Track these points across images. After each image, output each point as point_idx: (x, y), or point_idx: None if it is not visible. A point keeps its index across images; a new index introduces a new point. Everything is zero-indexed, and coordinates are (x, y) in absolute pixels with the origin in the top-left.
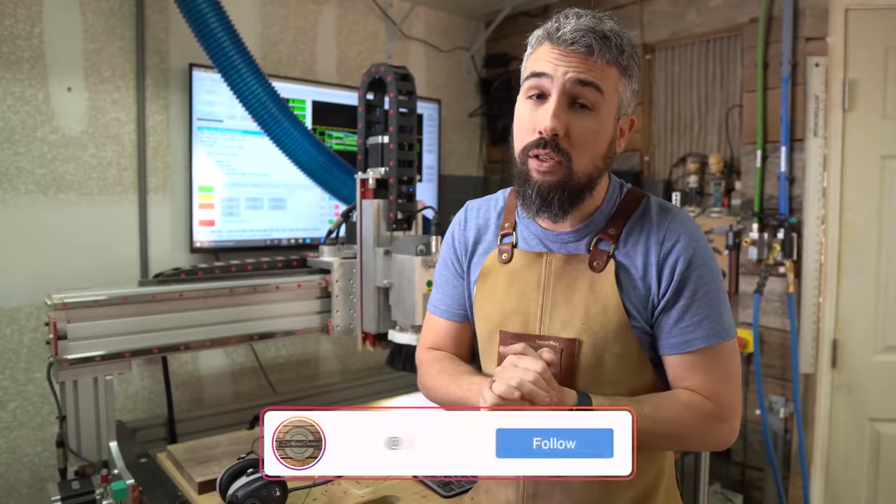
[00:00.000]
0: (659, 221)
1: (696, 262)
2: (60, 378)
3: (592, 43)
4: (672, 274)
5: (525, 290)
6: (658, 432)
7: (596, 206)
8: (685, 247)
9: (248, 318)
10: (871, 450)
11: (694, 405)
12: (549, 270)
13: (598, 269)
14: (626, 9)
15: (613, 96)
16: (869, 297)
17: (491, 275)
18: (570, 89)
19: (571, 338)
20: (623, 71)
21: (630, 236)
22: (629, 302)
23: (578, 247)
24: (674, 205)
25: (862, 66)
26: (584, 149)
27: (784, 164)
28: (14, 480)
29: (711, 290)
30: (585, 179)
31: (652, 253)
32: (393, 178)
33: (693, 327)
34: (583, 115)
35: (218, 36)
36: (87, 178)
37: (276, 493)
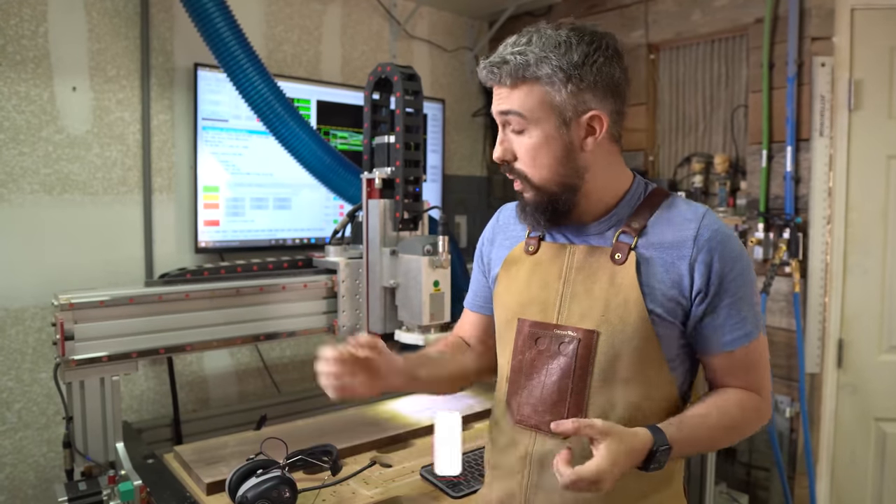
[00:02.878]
0: (688, 217)
1: (734, 259)
2: (67, 378)
3: (495, 73)
4: (709, 271)
5: (547, 279)
6: (717, 439)
7: (617, 200)
8: (720, 243)
9: (254, 318)
10: (876, 449)
11: (746, 404)
12: (572, 262)
13: (620, 261)
14: (631, 9)
15: (540, 111)
16: (875, 296)
17: (515, 265)
18: (500, 120)
19: (590, 329)
20: (540, 80)
21: (655, 230)
22: (651, 295)
23: (601, 240)
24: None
25: (868, 66)
26: (534, 164)
27: (790, 164)
28: (20, 481)
29: (749, 286)
30: (557, 188)
31: (683, 247)
32: (399, 178)
33: (739, 325)
34: (519, 137)
35: (223, 35)
36: (92, 177)
37: (286, 493)
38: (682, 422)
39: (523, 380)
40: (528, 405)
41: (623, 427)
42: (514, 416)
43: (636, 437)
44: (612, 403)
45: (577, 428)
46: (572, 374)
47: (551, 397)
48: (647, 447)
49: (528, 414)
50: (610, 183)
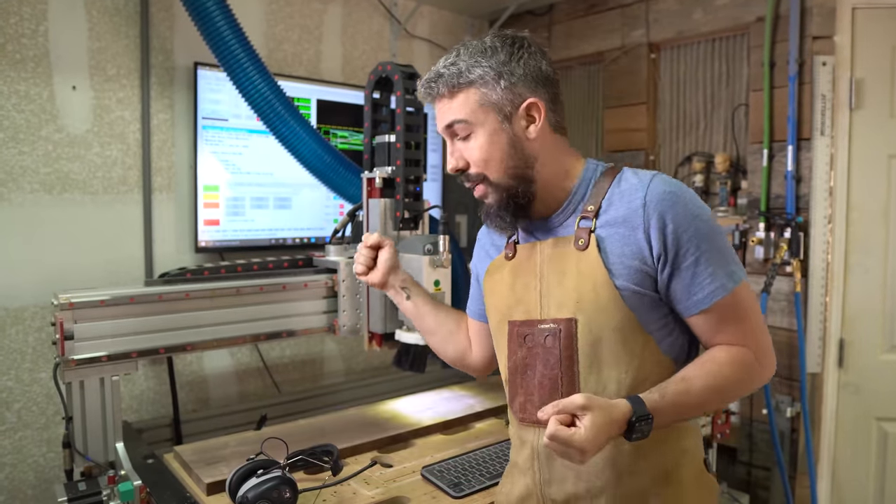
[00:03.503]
0: (637, 186)
1: (688, 217)
2: (67, 378)
3: (433, 87)
4: (663, 235)
5: (526, 279)
6: (710, 401)
7: (570, 189)
8: (672, 204)
9: (255, 317)
10: (878, 449)
11: (734, 360)
12: (543, 257)
13: (583, 247)
14: (632, 7)
15: (481, 112)
16: (876, 296)
17: (498, 272)
18: (446, 133)
19: (567, 317)
20: (473, 84)
21: (610, 208)
22: (618, 272)
23: (566, 229)
24: (651, 170)
25: (869, 65)
26: (487, 163)
27: (791, 164)
28: (19, 482)
29: (713, 240)
30: (513, 181)
31: (636, 217)
32: (400, 177)
33: (709, 280)
34: (467, 143)
35: (224, 34)
36: (92, 176)
37: (286, 494)
38: (665, 389)
39: (520, 379)
40: (528, 402)
41: (603, 399)
42: (518, 416)
43: (616, 407)
44: (604, 385)
45: (558, 409)
46: (560, 363)
47: (546, 390)
48: (626, 417)
49: (529, 411)
50: (561, 170)
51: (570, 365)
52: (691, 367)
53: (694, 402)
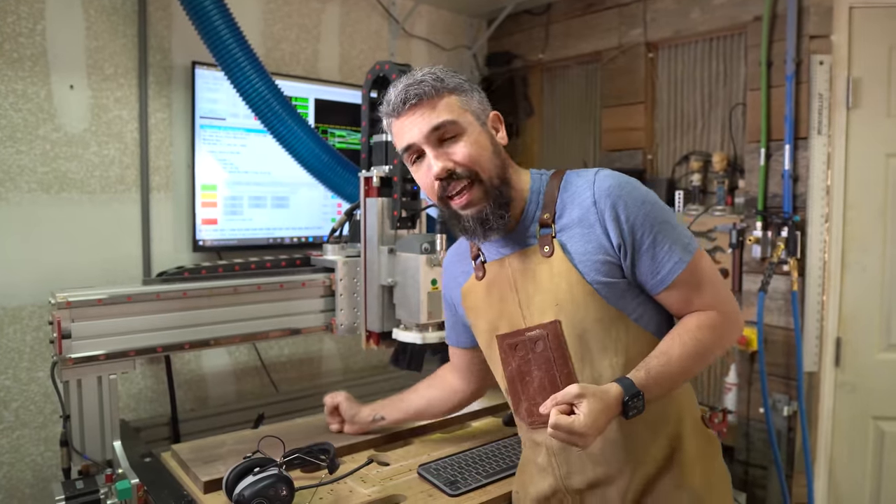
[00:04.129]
0: (583, 186)
1: (636, 204)
2: (64, 377)
3: (420, 91)
4: (619, 225)
5: (502, 294)
6: (692, 365)
7: (525, 200)
8: (618, 197)
9: (253, 316)
10: (874, 447)
11: (704, 324)
12: (513, 270)
13: (549, 253)
14: (630, 7)
15: (464, 114)
16: (873, 295)
17: (471, 294)
18: (431, 136)
19: (551, 321)
20: (454, 91)
21: (564, 212)
22: (587, 268)
23: (528, 240)
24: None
25: (866, 65)
26: (477, 161)
27: (788, 163)
28: (17, 480)
29: (662, 220)
30: (498, 181)
31: (590, 214)
32: (397, 177)
33: (667, 257)
34: (455, 143)
35: (221, 33)
36: (90, 176)
37: (282, 491)
38: (649, 364)
39: (519, 386)
40: (534, 406)
41: (595, 386)
42: (527, 421)
43: (608, 393)
44: (599, 373)
45: (556, 401)
46: (554, 363)
47: (547, 391)
48: (619, 399)
49: (536, 414)
50: (517, 179)
51: (563, 363)
52: (667, 339)
53: (677, 371)
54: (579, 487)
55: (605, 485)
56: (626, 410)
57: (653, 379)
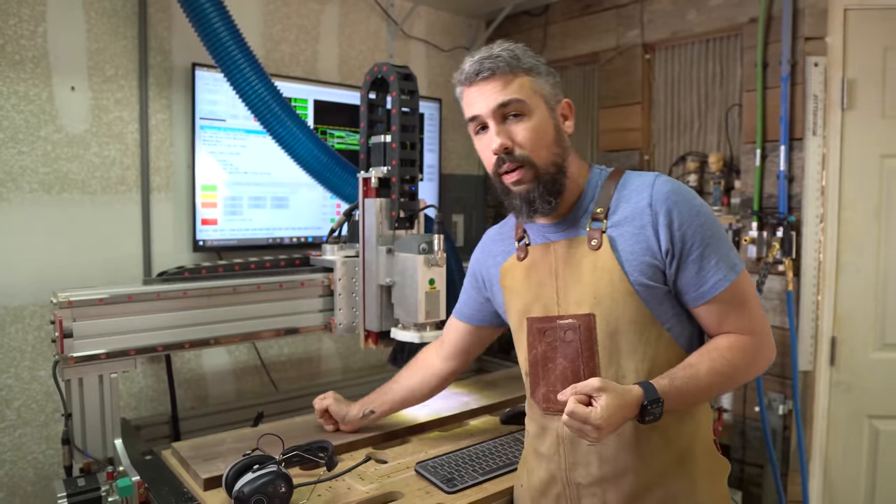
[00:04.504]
0: (641, 187)
1: (691, 214)
2: (66, 376)
3: (494, 66)
4: (670, 231)
5: (541, 278)
6: (717, 384)
7: (581, 191)
8: (675, 202)
9: (252, 316)
10: (869, 446)
11: (736, 346)
12: (557, 257)
13: (596, 246)
14: (627, 8)
15: (534, 96)
16: (867, 294)
17: (509, 273)
18: (497, 111)
19: (586, 313)
20: (529, 72)
21: (618, 209)
22: (631, 268)
23: (577, 231)
24: (652, 171)
25: (861, 66)
26: (536, 145)
27: (783, 163)
28: (19, 478)
29: (714, 234)
30: (553, 168)
31: (643, 216)
32: (395, 177)
33: (712, 273)
34: (519, 122)
35: (221, 35)
36: (91, 176)
37: (281, 488)
38: (674, 375)
39: (541, 371)
40: (551, 392)
41: (617, 384)
42: (541, 405)
43: (629, 392)
44: (623, 374)
45: (576, 391)
46: (580, 355)
47: (568, 380)
48: (638, 402)
49: (552, 401)
50: (577, 170)
51: (590, 356)
52: (696, 354)
53: (702, 386)
54: (580, 482)
55: (607, 484)
56: (643, 414)
57: (676, 389)
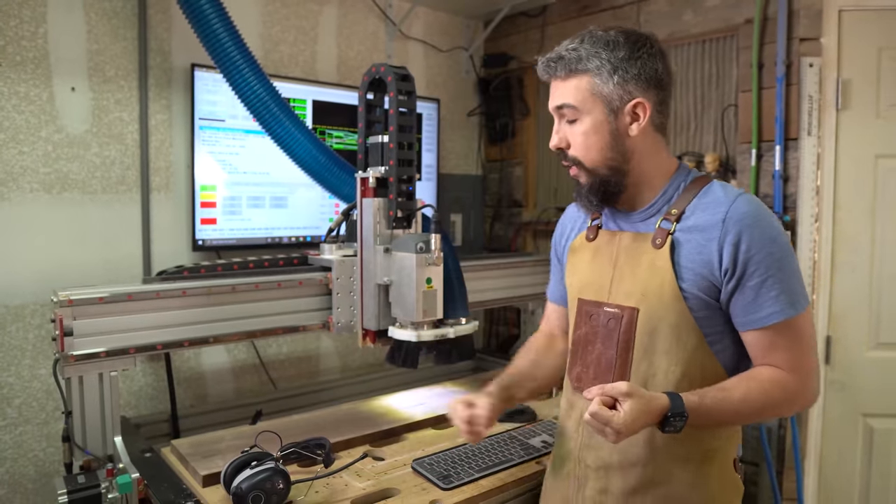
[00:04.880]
0: (722, 200)
1: (763, 240)
2: (66, 374)
3: (548, 69)
4: (736, 251)
5: (602, 263)
6: (748, 412)
7: (662, 187)
8: (749, 225)
9: (251, 314)
10: (864, 445)
11: (777, 382)
12: (620, 247)
13: (659, 245)
14: (624, 9)
15: (591, 100)
16: (862, 294)
17: (578, 251)
18: (555, 113)
19: (631, 306)
20: (591, 73)
21: (692, 215)
22: (685, 275)
23: (647, 226)
24: (738, 188)
25: (855, 67)
26: (586, 150)
27: (778, 163)
28: (20, 476)
29: (784, 266)
30: (606, 171)
31: (714, 229)
32: (393, 177)
33: (770, 303)
34: (573, 126)
35: (220, 36)
36: (91, 176)
37: (279, 485)
38: (705, 394)
39: (580, 351)
40: (584, 374)
41: (644, 390)
42: (573, 384)
43: (656, 399)
44: (653, 372)
45: (603, 392)
46: (617, 345)
47: (601, 367)
48: (663, 411)
49: (583, 381)
50: (655, 168)
51: (626, 349)
52: (734, 379)
53: (731, 411)
54: (589, 464)
55: (613, 471)
56: (664, 424)
57: (704, 409)
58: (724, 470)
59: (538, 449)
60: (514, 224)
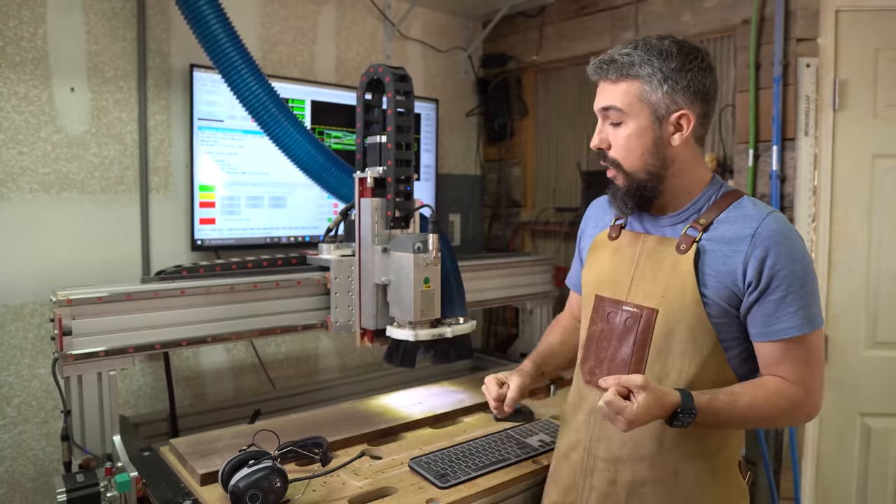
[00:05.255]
0: (752, 216)
1: (789, 259)
2: (65, 373)
3: (600, 71)
4: (761, 266)
5: (622, 263)
6: (753, 417)
7: (692, 198)
8: (777, 243)
9: (249, 314)
10: (861, 444)
11: (783, 393)
12: (643, 249)
13: (683, 251)
14: (622, 10)
15: (637, 106)
16: (859, 293)
17: (599, 248)
18: (601, 115)
19: (651, 307)
20: (641, 79)
21: (720, 226)
22: (707, 282)
23: (673, 232)
24: (769, 205)
25: (852, 67)
26: (627, 153)
27: (775, 163)
28: (19, 475)
29: (805, 285)
30: (645, 175)
31: (741, 243)
32: (391, 177)
33: (788, 317)
34: (616, 129)
35: (218, 37)
36: (90, 177)
37: (276, 483)
38: (715, 395)
39: (594, 346)
40: (597, 368)
41: (658, 385)
42: (585, 377)
43: (668, 395)
44: (667, 372)
45: (620, 382)
46: (633, 343)
47: (615, 362)
48: (673, 406)
49: (596, 375)
50: (690, 178)
51: (641, 347)
52: (742, 385)
53: (737, 415)
54: (599, 455)
55: (622, 464)
56: (673, 419)
57: (712, 409)
58: (730, 470)
59: (535, 448)
60: (513, 224)
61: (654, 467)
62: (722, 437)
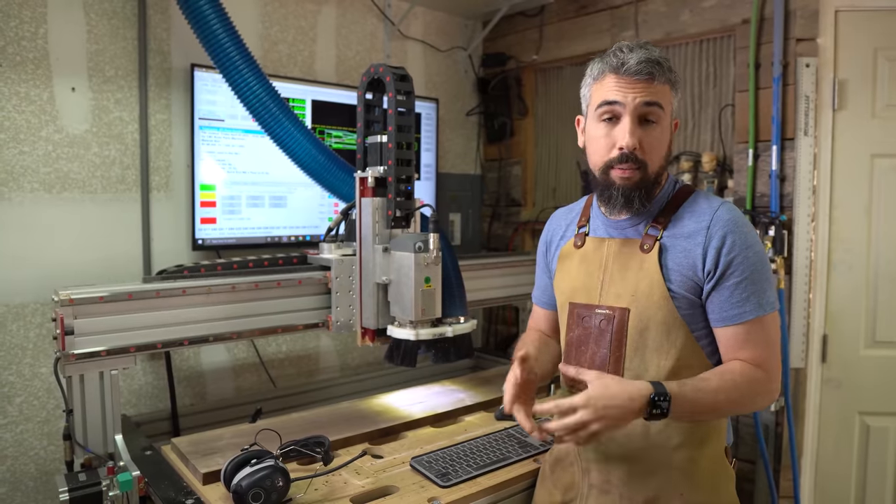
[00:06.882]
0: (705, 210)
1: (743, 245)
2: (67, 372)
3: (653, 70)
4: (718, 255)
5: (591, 269)
6: (722, 402)
7: (653, 197)
8: (730, 231)
9: (250, 313)
10: (860, 442)
11: (747, 375)
12: (609, 252)
13: (647, 250)
14: (621, 9)
15: (668, 108)
16: (858, 292)
17: (567, 258)
18: (639, 110)
19: (623, 307)
20: (672, 86)
21: (679, 222)
22: (672, 277)
23: (634, 232)
24: (720, 198)
25: (851, 67)
26: (654, 154)
27: (775, 163)
28: (21, 474)
29: (758, 270)
30: (655, 177)
31: (699, 236)
32: (391, 177)
33: (742, 302)
34: (650, 129)
35: (219, 36)
36: (91, 176)
37: (278, 482)
38: (684, 383)
39: (574, 353)
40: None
41: (619, 378)
42: (568, 384)
43: (632, 385)
44: (646, 367)
45: (577, 372)
46: (610, 344)
47: (595, 364)
48: (643, 395)
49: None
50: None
51: (618, 346)
52: (708, 372)
53: (708, 401)
54: (590, 457)
55: (613, 463)
56: (651, 406)
57: (682, 394)
58: (716, 457)
59: (536, 447)
60: (513, 223)
61: (644, 462)
62: (707, 428)
